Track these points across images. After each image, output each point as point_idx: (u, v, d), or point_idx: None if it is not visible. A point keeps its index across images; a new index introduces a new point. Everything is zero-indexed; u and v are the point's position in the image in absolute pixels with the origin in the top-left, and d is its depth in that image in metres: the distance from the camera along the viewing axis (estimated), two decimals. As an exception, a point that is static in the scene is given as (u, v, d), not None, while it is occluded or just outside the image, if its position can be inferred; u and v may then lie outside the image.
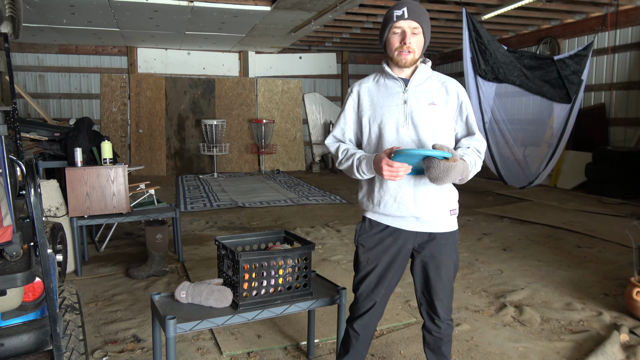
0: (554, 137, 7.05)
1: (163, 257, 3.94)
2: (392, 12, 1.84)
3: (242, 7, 7.10)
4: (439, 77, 1.95)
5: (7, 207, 1.61)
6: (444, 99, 1.90)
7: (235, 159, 11.30)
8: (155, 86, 10.76)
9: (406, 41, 1.83)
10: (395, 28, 1.84)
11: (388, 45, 1.88)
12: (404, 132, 1.87)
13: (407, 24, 1.82)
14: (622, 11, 7.62)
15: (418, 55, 1.87)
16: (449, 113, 1.91)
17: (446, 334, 2.01)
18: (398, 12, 1.82)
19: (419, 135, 1.87)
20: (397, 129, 1.88)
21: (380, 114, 1.91)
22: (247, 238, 2.41)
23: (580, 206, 6.61)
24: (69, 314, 2.07)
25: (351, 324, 2.08)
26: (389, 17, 1.85)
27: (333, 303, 2.29)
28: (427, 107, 1.87)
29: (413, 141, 1.87)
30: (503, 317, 3.13)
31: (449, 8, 7.69)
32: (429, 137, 1.87)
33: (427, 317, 2.02)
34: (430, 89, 1.91)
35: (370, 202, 1.97)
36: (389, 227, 1.94)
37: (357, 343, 2.07)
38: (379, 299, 2.00)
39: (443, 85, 1.92)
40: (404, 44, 1.83)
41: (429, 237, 1.93)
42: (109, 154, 4.06)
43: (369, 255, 1.97)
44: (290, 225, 5.69)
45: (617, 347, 2.66)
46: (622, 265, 4.13)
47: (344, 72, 12.24)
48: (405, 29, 1.83)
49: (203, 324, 2.01)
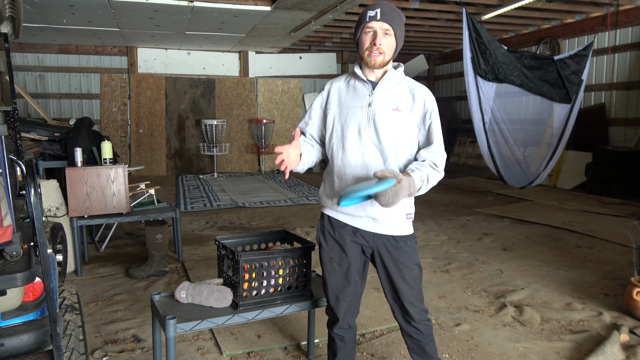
0: (554, 137, 7.05)
1: (163, 257, 3.94)
2: (365, 12, 1.85)
3: (242, 7, 7.10)
4: (409, 84, 1.95)
5: (7, 207, 1.61)
6: (409, 106, 1.90)
7: (235, 159, 11.30)
8: (155, 86, 10.76)
9: (376, 42, 1.83)
10: (367, 28, 1.85)
11: (360, 45, 1.89)
12: (365, 134, 1.89)
13: (379, 25, 1.83)
14: (622, 11, 7.61)
15: (389, 57, 1.88)
16: (413, 120, 1.91)
17: (426, 334, 2.02)
18: (371, 13, 1.83)
19: (379, 139, 1.88)
20: (359, 131, 1.90)
21: (345, 114, 1.93)
22: (247, 238, 2.41)
23: (580, 206, 6.61)
24: (69, 314, 2.07)
25: (332, 329, 2.10)
26: (362, 17, 1.86)
27: (333, 303, 2.29)
28: (391, 112, 1.88)
29: (374, 144, 1.89)
30: (503, 317, 3.13)
31: (449, 8, 7.69)
32: (389, 141, 1.88)
33: (403, 321, 2.02)
34: (397, 94, 1.91)
35: (329, 199, 2.01)
36: (347, 225, 1.96)
37: (343, 345, 2.09)
38: (350, 297, 2.01)
39: (410, 92, 1.92)
40: (374, 45, 1.84)
41: (387, 241, 1.94)
42: (109, 154, 4.06)
43: (331, 254, 2.00)
44: (290, 225, 5.69)
45: (617, 347, 2.66)
46: (622, 265, 4.13)
47: (344, 72, 12.19)
48: (377, 29, 1.83)
49: (203, 324, 2.01)
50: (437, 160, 1.89)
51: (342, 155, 1.93)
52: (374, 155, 1.90)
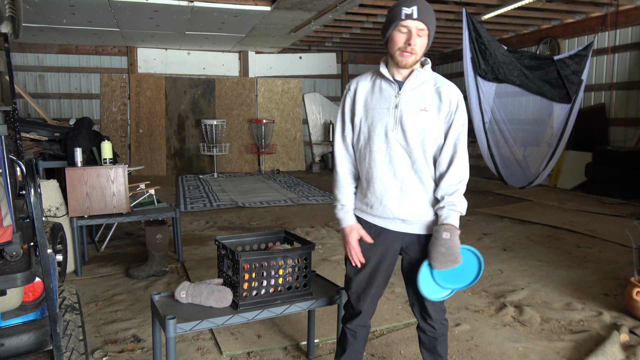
0: (554, 137, 7.05)
1: (163, 257, 3.94)
2: (400, 8, 1.75)
3: (242, 7, 7.10)
4: (436, 81, 1.88)
5: (7, 207, 1.61)
6: (436, 105, 1.85)
7: (235, 159, 11.30)
8: (155, 86, 10.76)
9: (411, 42, 1.76)
10: (401, 27, 1.77)
11: (391, 43, 1.82)
12: (392, 136, 1.85)
13: (415, 25, 1.75)
14: (622, 11, 7.61)
15: (419, 57, 1.83)
16: (441, 120, 1.85)
17: (440, 333, 2.02)
18: (407, 11, 1.74)
19: (407, 141, 1.84)
20: (386, 133, 1.86)
21: (371, 116, 1.89)
22: (247, 238, 2.40)
23: (580, 206, 6.61)
24: (69, 314, 2.07)
25: (347, 324, 2.10)
26: (397, 13, 1.76)
27: (333, 303, 2.29)
28: (418, 112, 1.83)
29: (401, 146, 1.85)
30: (503, 317, 3.13)
31: (449, 8, 7.69)
32: (417, 143, 1.84)
33: (420, 318, 2.03)
34: (424, 94, 1.85)
35: (360, 201, 1.99)
36: (377, 226, 1.95)
37: (354, 341, 2.09)
38: (370, 298, 2.02)
39: (437, 91, 1.86)
40: (409, 45, 1.77)
41: (416, 239, 1.94)
42: (109, 154, 4.06)
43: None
44: (290, 225, 5.69)
45: (617, 347, 2.66)
46: (622, 265, 4.13)
47: (344, 72, 12.24)
48: (412, 29, 1.76)
49: (203, 324, 2.01)
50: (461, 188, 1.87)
51: (369, 158, 1.90)
52: (401, 157, 1.86)
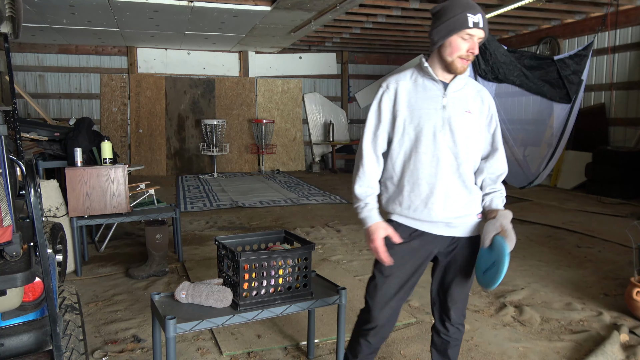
0: (554, 137, 7.04)
1: (163, 257, 3.94)
2: (465, 15, 1.71)
3: (242, 7, 7.10)
4: (474, 85, 1.91)
5: (7, 207, 1.61)
6: (478, 108, 1.87)
7: (235, 159, 11.30)
8: (155, 86, 10.76)
9: (474, 50, 1.75)
10: (466, 34, 1.73)
11: (449, 47, 1.76)
12: (440, 137, 1.82)
13: (479, 34, 1.74)
14: (622, 11, 7.61)
15: None
16: (482, 123, 1.89)
17: (455, 338, 1.98)
18: (474, 19, 1.71)
19: (455, 142, 1.83)
20: (434, 134, 1.82)
21: (417, 116, 1.83)
22: (247, 238, 2.41)
23: (580, 206, 6.61)
24: (69, 314, 2.07)
25: (364, 336, 1.97)
26: (463, 20, 1.71)
27: (333, 303, 2.29)
28: (464, 114, 1.83)
29: (449, 147, 1.83)
30: (503, 317, 3.13)
31: (449, 8, 7.68)
32: (463, 144, 1.84)
33: (438, 318, 1.99)
34: (467, 96, 1.86)
35: (397, 204, 1.90)
36: (417, 230, 1.88)
37: (368, 350, 2.00)
38: (396, 303, 1.92)
39: (479, 94, 1.89)
40: (471, 53, 1.76)
41: (455, 242, 1.90)
42: (109, 154, 4.06)
43: (394, 258, 1.87)
44: (290, 225, 5.69)
45: (617, 347, 2.66)
46: (622, 265, 4.13)
47: (344, 72, 12.24)
48: (475, 37, 1.74)
49: (203, 324, 2.01)
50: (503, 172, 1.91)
51: (415, 159, 1.84)
52: (448, 159, 1.83)
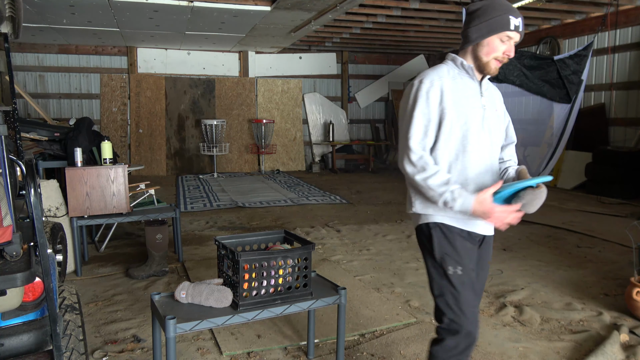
0: (554, 137, 7.05)
1: (163, 257, 3.94)
2: (508, 17, 1.72)
3: (242, 7, 7.10)
4: (490, 83, 1.95)
5: (7, 207, 1.61)
6: (501, 107, 1.95)
7: (235, 159, 11.30)
8: (155, 86, 10.76)
9: (511, 53, 1.76)
10: (505, 36, 1.74)
11: (487, 47, 1.76)
12: (482, 137, 1.82)
13: (517, 37, 1.76)
14: (622, 11, 7.61)
15: None
16: (504, 120, 1.97)
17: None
18: (516, 22, 1.72)
19: (492, 142, 1.86)
20: (478, 134, 1.80)
21: (464, 115, 1.78)
22: (247, 238, 2.40)
23: (580, 206, 6.61)
24: (69, 314, 2.07)
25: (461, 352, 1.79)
26: (504, 22, 1.72)
27: (333, 303, 2.29)
28: (495, 112, 1.89)
29: (489, 146, 1.85)
30: (503, 317, 3.13)
31: (449, 8, 7.68)
32: (497, 144, 1.91)
33: None
34: (493, 95, 1.92)
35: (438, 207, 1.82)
36: (464, 230, 1.84)
37: None
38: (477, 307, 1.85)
39: (497, 92, 1.96)
40: (507, 56, 1.77)
41: (481, 239, 1.93)
42: (109, 154, 4.06)
43: (464, 261, 1.80)
44: (290, 225, 5.69)
45: (617, 347, 2.66)
46: (622, 265, 4.13)
47: (344, 72, 12.24)
48: (513, 41, 1.76)
49: (203, 324, 2.01)
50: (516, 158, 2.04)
51: (464, 159, 1.79)
52: (489, 157, 1.85)
